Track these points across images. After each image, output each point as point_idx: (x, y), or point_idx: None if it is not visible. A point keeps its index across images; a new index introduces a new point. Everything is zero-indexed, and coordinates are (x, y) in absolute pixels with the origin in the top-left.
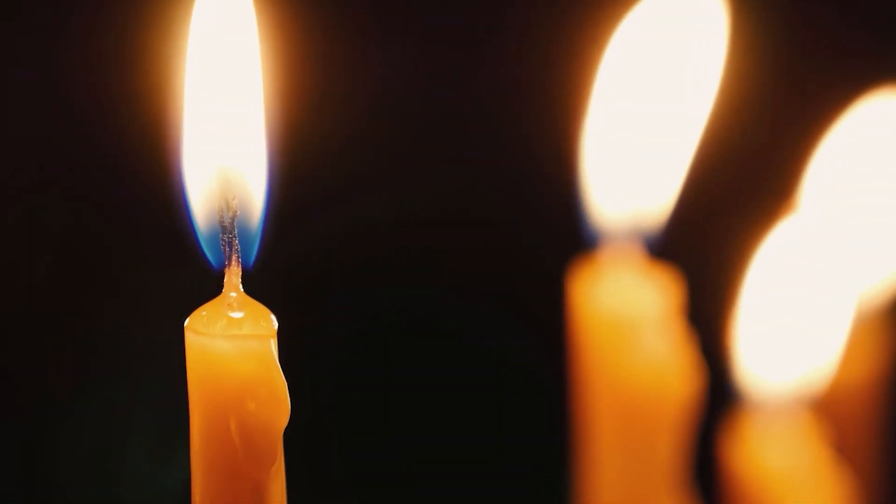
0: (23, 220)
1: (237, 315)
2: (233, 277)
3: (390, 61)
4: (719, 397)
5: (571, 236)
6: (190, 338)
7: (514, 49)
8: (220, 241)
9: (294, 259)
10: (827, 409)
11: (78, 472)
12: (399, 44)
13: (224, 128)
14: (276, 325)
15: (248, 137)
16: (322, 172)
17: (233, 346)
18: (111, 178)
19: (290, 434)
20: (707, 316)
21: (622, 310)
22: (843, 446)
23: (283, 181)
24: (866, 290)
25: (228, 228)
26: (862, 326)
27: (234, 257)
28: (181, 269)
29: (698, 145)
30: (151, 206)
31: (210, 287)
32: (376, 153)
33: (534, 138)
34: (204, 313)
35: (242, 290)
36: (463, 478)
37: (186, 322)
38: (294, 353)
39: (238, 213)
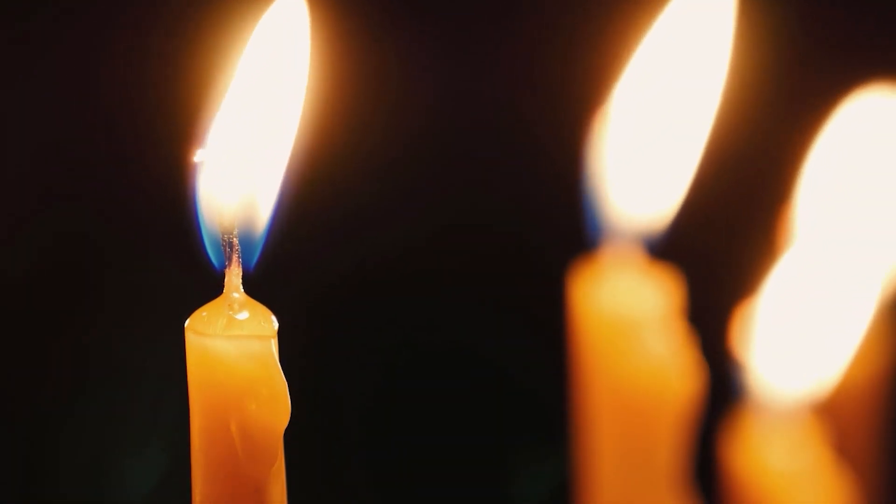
0: (24, 220)
1: (238, 315)
2: (234, 278)
3: (393, 63)
4: (720, 398)
5: (573, 237)
6: (190, 338)
7: (518, 52)
8: (221, 242)
9: (296, 260)
10: (828, 410)
11: (78, 472)
12: (402, 46)
13: (242, 133)
14: (276, 325)
15: (265, 142)
16: (327, 177)
17: (233, 346)
18: (112, 177)
19: (290, 435)
20: (707, 316)
21: (623, 310)
22: (845, 448)
23: (291, 184)
24: (870, 291)
25: (229, 229)
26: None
27: (234, 258)
28: (183, 270)
29: (700, 147)
30: (153, 206)
31: (212, 288)
32: (378, 155)
33: (535, 139)
34: (204, 314)
35: (244, 291)
36: (463, 478)
37: (187, 322)
38: (295, 353)
39: (240, 213)
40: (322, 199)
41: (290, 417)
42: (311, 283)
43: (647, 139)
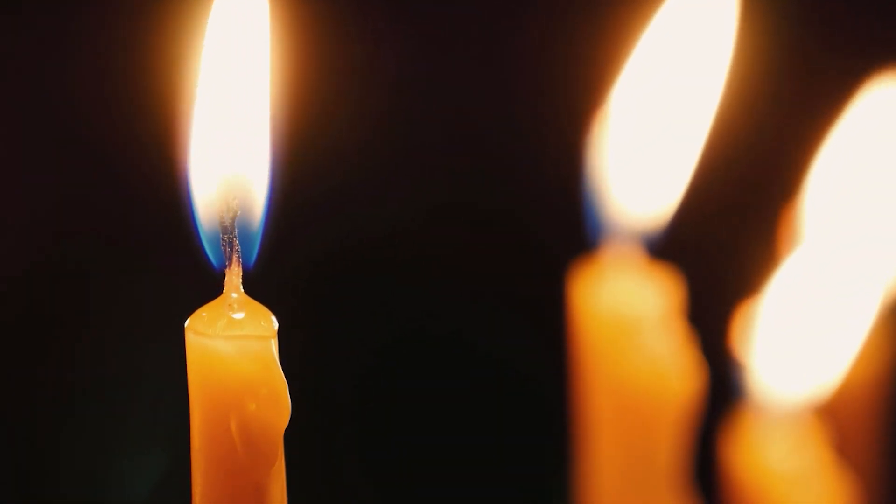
0: (24, 221)
1: (238, 316)
2: (233, 278)
3: (393, 61)
4: (720, 398)
5: (573, 236)
6: (190, 338)
7: (518, 50)
8: (221, 242)
9: (296, 259)
10: (829, 411)
11: (78, 472)
12: (403, 44)
13: (229, 129)
14: (276, 325)
15: (253, 138)
16: (324, 173)
17: (233, 346)
18: (112, 177)
19: (290, 434)
20: (707, 316)
21: (623, 310)
22: (845, 448)
23: (285, 181)
24: (872, 292)
25: (229, 229)
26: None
27: (234, 258)
28: (182, 270)
29: (700, 146)
30: (152, 206)
31: (212, 288)
32: (379, 153)
33: (536, 139)
34: (204, 314)
35: (243, 290)
36: (463, 478)
37: (187, 323)
38: (295, 353)
39: (239, 213)
40: (320, 197)
41: (290, 417)
42: (310, 283)
43: (648, 138)
